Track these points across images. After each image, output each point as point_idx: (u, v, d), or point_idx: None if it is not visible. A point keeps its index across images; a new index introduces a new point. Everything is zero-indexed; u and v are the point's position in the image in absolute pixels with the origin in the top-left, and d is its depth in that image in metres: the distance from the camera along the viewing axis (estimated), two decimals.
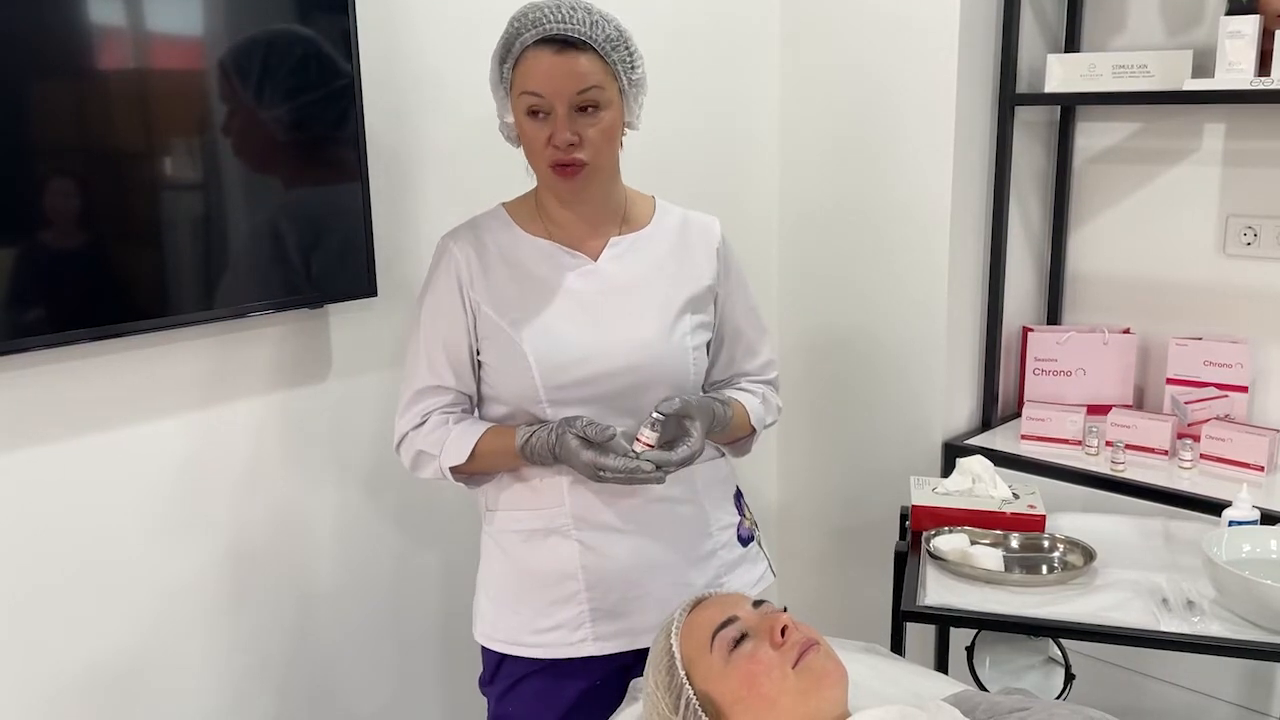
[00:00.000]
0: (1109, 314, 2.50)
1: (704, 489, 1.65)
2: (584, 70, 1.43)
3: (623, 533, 1.57)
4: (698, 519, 1.63)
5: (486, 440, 1.53)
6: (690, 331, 1.59)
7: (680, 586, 1.57)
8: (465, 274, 1.54)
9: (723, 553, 1.66)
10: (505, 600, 1.61)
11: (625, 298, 1.56)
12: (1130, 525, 1.96)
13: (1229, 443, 2.13)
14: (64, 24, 1.44)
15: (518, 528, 1.59)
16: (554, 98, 1.43)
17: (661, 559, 1.59)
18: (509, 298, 1.54)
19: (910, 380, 2.44)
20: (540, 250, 1.56)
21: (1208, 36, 2.23)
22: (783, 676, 1.19)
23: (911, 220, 2.37)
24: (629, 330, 1.54)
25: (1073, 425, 2.28)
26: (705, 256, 1.64)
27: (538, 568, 1.58)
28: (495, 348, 1.54)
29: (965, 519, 1.90)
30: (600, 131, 1.46)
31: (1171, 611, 1.63)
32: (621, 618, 1.57)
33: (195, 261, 1.62)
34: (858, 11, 2.39)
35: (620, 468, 1.45)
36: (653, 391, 1.54)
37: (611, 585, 1.57)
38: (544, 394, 1.52)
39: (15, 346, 1.46)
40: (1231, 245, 2.30)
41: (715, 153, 2.45)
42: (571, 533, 1.56)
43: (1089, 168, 2.49)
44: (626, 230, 1.59)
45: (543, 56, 1.42)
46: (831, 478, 2.64)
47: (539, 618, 1.58)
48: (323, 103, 1.71)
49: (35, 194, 1.45)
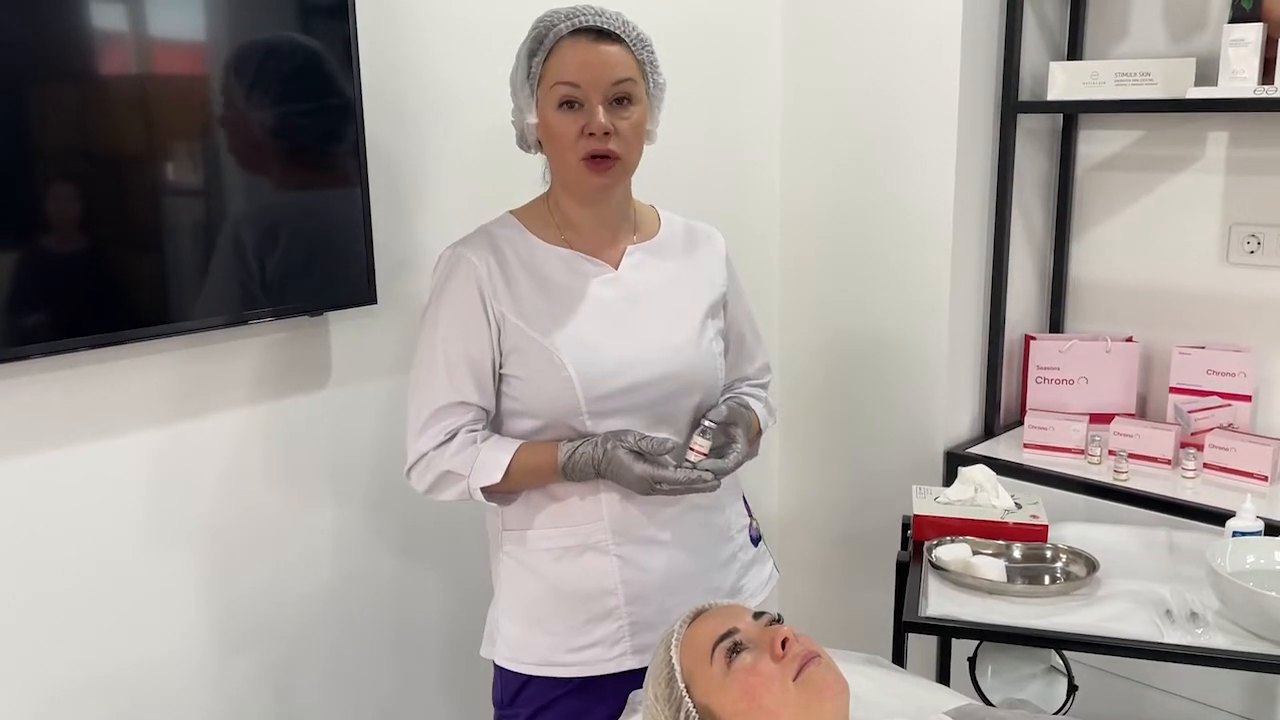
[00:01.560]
0: (1112, 322, 2.49)
1: (725, 494, 1.63)
2: (620, 61, 1.43)
3: (661, 544, 1.55)
4: (723, 524, 1.65)
5: (521, 457, 1.48)
6: (714, 338, 1.61)
7: (710, 592, 1.58)
8: (488, 284, 1.48)
9: (741, 555, 1.67)
10: (535, 621, 1.56)
11: (652, 306, 1.55)
12: (1133, 535, 1.95)
13: (1232, 452, 2.12)
14: (65, 29, 1.44)
15: (549, 545, 1.54)
16: (590, 87, 1.41)
17: (693, 567, 1.59)
18: (537, 308, 1.49)
19: (912, 388, 2.43)
20: (561, 258, 1.53)
21: (1211, 44, 2.23)
22: (783, 689, 1.18)
23: (914, 228, 2.37)
24: (662, 338, 1.53)
25: (1075, 434, 2.27)
26: (715, 265, 1.65)
27: (574, 585, 1.54)
28: (526, 360, 1.49)
29: (967, 529, 1.89)
30: (632, 126, 1.45)
31: (1175, 623, 1.62)
32: (659, 629, 1.53)
33: (195, 268, 1.61)
34: (859, 19, 2.38)
35: (681, 479, 1.44)
36: (687, 399, 1.54)
37: (650, 598, 1.55)
38: (585, 405, 1.48)
39: (15, 354, 1.45)
40: (1235, 254, 2.29)
41: (717, 160, 2.44)
42: (610, 548, 1.53)
43: (1091, 175, 2.49)
44: (640, 239, 1.59)
45: (579, 45, 1.42)
46: (833, 486, 2.63)
47: (574, 636, 1.55)
48: (323, 110, 1.70)
49: (34, 198, 1.44)
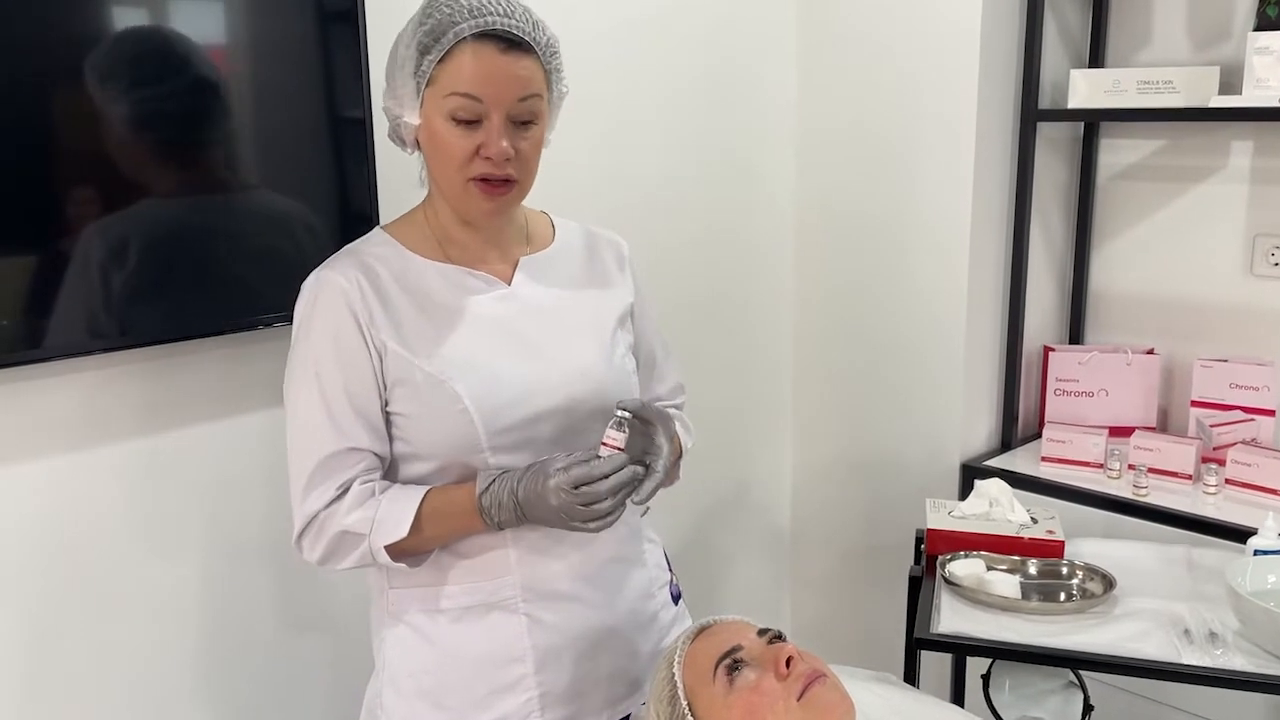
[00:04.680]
0: (1132, 334, 2.45)
1: (646, 545, 1.49)
2: (528, 75, 1.25)
3: (576, 601, 1.37)
4: (645, 580, 1.47)
5: (431, 503, 1.28)
6: (625, 354, 1.44)
7: (630, 657, 1.42)
8: (362, 309, 1.28)
9: (662, 614, 1.49)
10: (424, 693, 1.35)
11: (553, 322, 1.37)
12: (1152, 552, 1.91)
13: (1255, 468, 2.08)
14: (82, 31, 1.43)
15: (449, 605, 1.34)
16: (493, 103, 1.23)
17: (612, 629, 1.40)
18: (420, 333, 1.30)
19: (928, 399, 2.40)
20: (444, 275, 1.33)
21: (1235, 52, 2.19)
22: (787, 709, 1.16)
23: (931, 237, 2.34)
24: (569, 357, 1.35)
25: (1094, 447, 2.24)
26: (620, 274, 1.48)
27: (474, 652, 1.34)
28: (413, 394, 1.29)
29: (982, 543, 1.86)
30: (533, 145, 1.29)
31: (1193, 643, 1.59)
32: (573, 700, 1.37)
33: (201, 276, 1.60)
34: (877, 26, 2.36)
35: (608, 468, 1.23)
36: (597, 426, 1.31)
37: (563, 664, 1.36)
38: (486, 440, 1.29)
39: (31, 357, 1.45)
40: (1259, 265, 2.25)
41: (732, 168, 2.43)
42: (519, 606, 1.34)
43: (1113, 185, 2.45)
44: (533, 249, 1.41)
45: (483, 53, 1.23)
46: (845, 498, 2.60)
47: (474, 712, 1.34)
48: (331, 117, 1.69)
49: (50, 201, 1.43)
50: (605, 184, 2.16)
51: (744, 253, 2.50)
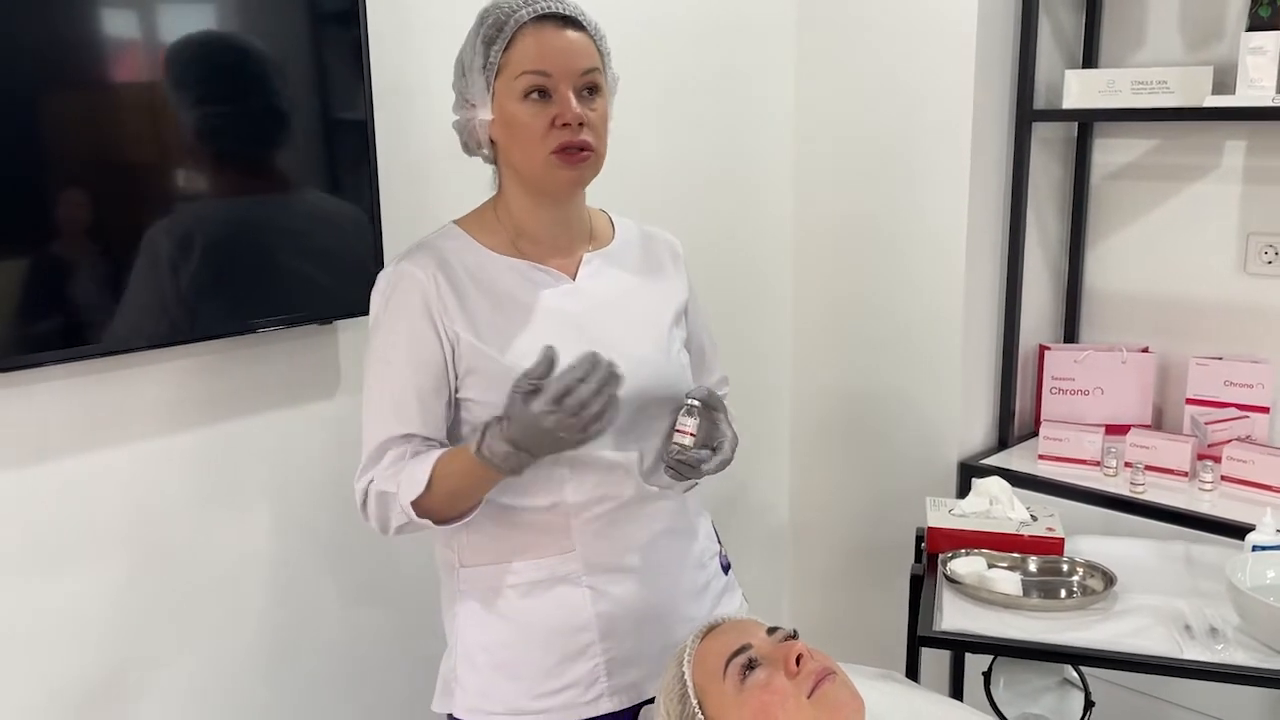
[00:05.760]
0: (1127, 332, 2.47)
1: (696, 519, 1.56)
2: (587, 49, 1.35)
3: (634, 573, 1.45)
4: (697, 551, 1.55)
5: (444, 461, 1.34)
6: (680, 348, 1.52)
7: (686, 623, 1.48)
8: (436, 301, 1.36)
9: (714, 583, 1.57)
10: (498, 665, 1.44)
11: (614, 316, 1.44)
12: (1150, 549, 1.93)
13: (1251, 464, 2.09)
14: (77, 35, 1.44)
15: (516, 580, 1.43)
16: (560, 75, 1.33)
17: (669, 598, 1.49)
18: (493, 325, 1.38)
19: (926, 399, 2.41)
20: (515, 270, 1.41)
21: (1228, 52, 2.21)
22: (797, 707, 1.17)
23: (927, 237, 2.35)
24: (629, 350, 1.39)
25: (1091, 445, 2.25)
26: (675, 271, 1.56)
27: (543, 623, 1.43)
28: (486, 383, 1.36)
29: (982, 541, 1.87)
30: (600, 117, 1.37)
31: (1194, 639, 1.60)
32: (636, 665, 1.46)
33: (206, 277, 1.60)
34: (873, 26, 2.37)
35: (581, 374, 1.23)
36: (657, 413, 1.43)
37: (626, 632, 1.45)
38: None
39: (28, 361, 1.46)
40: (1252, 264, 2.27)
41: (730, 169, 2.43)
42: (582, 579, 1.43)
43: (1107, 184, 2.47)
44: (595, 246, 1.49)
45: (545, 32, 1.33)
46: (846, 498, 2.61)
47: (546, 679, 1.43)
48: (333, 119, 1.69)
49: (43, 206, 1.43)
50: (605, 184, 2.15)
51: (742, 253, 2.50)
